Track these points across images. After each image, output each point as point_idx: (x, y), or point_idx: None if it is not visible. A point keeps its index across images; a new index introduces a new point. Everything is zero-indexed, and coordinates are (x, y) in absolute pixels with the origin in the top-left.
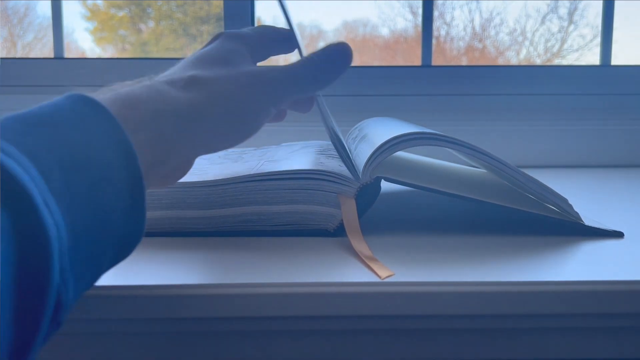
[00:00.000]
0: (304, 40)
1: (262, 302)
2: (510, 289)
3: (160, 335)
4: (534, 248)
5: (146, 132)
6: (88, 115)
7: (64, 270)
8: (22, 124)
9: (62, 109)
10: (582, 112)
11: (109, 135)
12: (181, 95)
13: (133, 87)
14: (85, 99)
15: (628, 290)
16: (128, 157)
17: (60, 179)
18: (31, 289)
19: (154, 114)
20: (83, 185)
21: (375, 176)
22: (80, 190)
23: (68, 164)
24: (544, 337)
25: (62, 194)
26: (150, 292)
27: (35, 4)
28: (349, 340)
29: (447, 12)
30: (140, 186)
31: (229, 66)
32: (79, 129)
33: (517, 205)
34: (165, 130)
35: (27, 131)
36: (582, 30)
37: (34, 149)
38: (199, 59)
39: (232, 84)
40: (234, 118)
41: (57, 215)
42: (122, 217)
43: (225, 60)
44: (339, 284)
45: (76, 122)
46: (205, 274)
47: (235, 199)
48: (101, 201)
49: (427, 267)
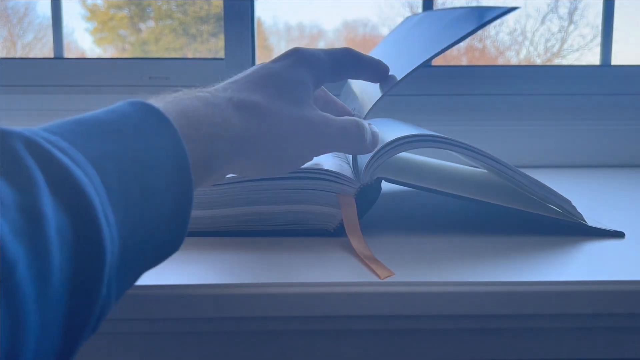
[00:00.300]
0: (304, 40)
1: (262, 302)
2: (510, 289)
3: (160, 335)
4: (534, 248)
5: (200, 155)
6: (152, 126)
7: (111, 283)
8: (88, 129)
9: (127, 117)
10: (582, 112)
11: (170, 150)
12: (240, 122)
13: (197, 103)
14: (150, 108)
15: (629, 290)
16: (183, 175)
17: (118, 190)
18: (82, 300)
19: (212, 138)
20: (138, 197)
21: (376, 177)
22: (134, 203)
23: (128, 176)
24: (544, 337)
25: (119, 204)
26: (150, 292)
27: (35, 4)
28: (349, 340)
29: None
30: (189, 202)
31: (294, 104)
32: (142, 139)
33: (517, 206)
34: (217, 155)
35: (94, 137)
36: (583, 30)
37: (98, 157)
38: (268, 81)
39: (292, 128)
40: (282, 159)
41: (113, 227)
42: (167, 229)
43: (292, 94)
44: (339, 284)
45: (141, 132)
46: (205, 274)
47: (235, 199)
48: (152, 214)
49: (427, 267)
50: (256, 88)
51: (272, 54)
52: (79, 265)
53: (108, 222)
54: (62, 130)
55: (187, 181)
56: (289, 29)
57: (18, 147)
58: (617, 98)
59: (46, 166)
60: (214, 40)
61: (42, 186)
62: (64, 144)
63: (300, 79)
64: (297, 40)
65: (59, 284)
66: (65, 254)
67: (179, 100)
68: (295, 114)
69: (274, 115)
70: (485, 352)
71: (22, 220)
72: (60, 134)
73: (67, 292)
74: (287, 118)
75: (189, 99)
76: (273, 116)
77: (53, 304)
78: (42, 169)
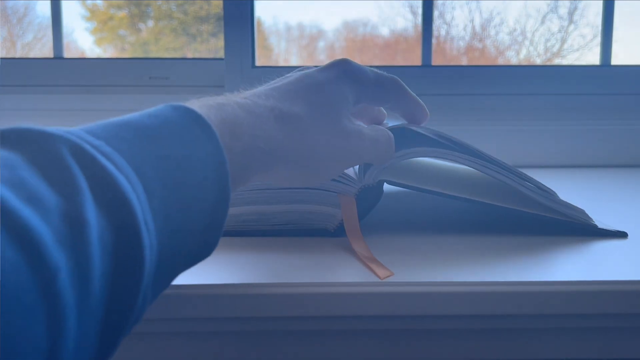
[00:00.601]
0: (304, 40)
1: (262, 302)
2: (510, 289)
3: (159, 335)
4: (536, 248)
5: (238, 165)
6: (195, 133)
7: (147, 290)
8: (132, 134)
9: (171, 122)
10: (582, 112)
11: (211, 158)
12: (280, 136)
13: (240, 112)
14: (193, 114)
15: (633, 290)
16: (222, 184)
17: (159, 197)
18: (119, 308)
19: (252, 150)
20: (178, 205)
21: (378, 179)
22: (174, 211)
23: (169, 183)
24: (545, 337)
25: (159, 212)
26: None
27: (34, 4)
28: (349, 340)
29: (447, 11)
30: (224, 213)
31: (334, 121)
32: (185, 147)
33: (518, 206)
34: (253, 165)
35: (137, 143)
36: (582, 30)
37: (141, 164)
38: (312, 93)
39: (329, 145)
40: (315, 173)
41: (153, 235)
42: (200, 237)
43: (333, 110)
44: (339, 284)
45: (183, 139)
46: (205, 274)
47: (235, 198)
48: (189, 222)
49: (427, 267)
50: (299, 99)
51: (272, 54)
52: (119, 273)
53: (148, 230)
54: (106, 134)
55: (225, 191)
56: (289, 29)
57: (63, 152)
58: (617, 98)
59: (90, 173)
60: (214, 40)
61: (85, 193)
62: (108, 148)
63: (343, 94)
64: (297, 41)
65: (99, 291)
66: (106, 262)
67: (220, 106)
68: (333, 131)
69: (314, 131)
70: (486, 352)
71: (65, 227)
72: (104, 138)
73: (106, 300)
74: (326, 135)
75: (232, 107)
76: (312, 132)
77: (92, 311)
78: (87, 176)
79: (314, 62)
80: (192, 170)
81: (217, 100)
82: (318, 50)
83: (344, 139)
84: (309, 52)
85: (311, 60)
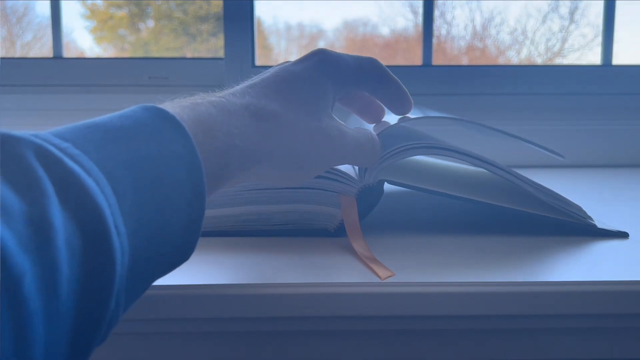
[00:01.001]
0: (304, 40)
1: (262, 302)
2: (511, 289)
3: (159, 335)
4: (536, 248)
5: (214, 164)
6: (167, 133)
7: (120, 294)
8: (100, 135)
9: (142, 123)
10: (582, 112)
11: (184, 157)
12: (256, 132)
13: (213, 110)
14: (165, 114)
15: (633, 290)
16: (197, 184)
17: (131, 199)
18: (90, 313)
19: (227, 148)
20: (151, 206)
21: (379, 179)
22: (147, 212)
23: (141, 185)
24: (545, 337)
25: (131, 214)
26: (150, 292)
27: (34, 4)
28: (349, 340)
29: (448, 11)
30: (201, 213)
31: (312, 115)
32: (157, 147)
33: (519, 206)
34: (231, 164)
35: (107, 145)
36: (583, 30)
37: (111, 165)
38: (288, 86)
39: (308, 141)
40: (296, 171)
41: (124, 237)
42: (177, 239)
43: (311, 103)
44: (339, 284)
45: (155, 139)
46: (205, 274)
47: (235, 198)
48: (164, 223)
49: (428, 267)
50: (275, 94)
51: (272, 54)
52: (88, 277)
53: (119, 233)
54: (74, 136)
55: (200, 191)
56: (289, 29)
57: (28, 155)
58: (617, 98)
59: (56, 176)
60: (214, 39)
61: (51, 196)
62: (75, 151)
63: (321, 85)
64: (297, 40)
65: (67, 297)
66: (74, 267)
67: (194, 106)
68: (312, 126)
69: (292, 126)
70: (486, 352)
71: (30, 231)
72: (72, 140)
73: (75, 306)
74: (304, 130)
75: (205, 105)
76: (290, 127)
77: (60, 318)
78: (52, 179)
79: None
80: (164, 170)
81: (191, 100)
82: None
83: (325, 138)
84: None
85: None
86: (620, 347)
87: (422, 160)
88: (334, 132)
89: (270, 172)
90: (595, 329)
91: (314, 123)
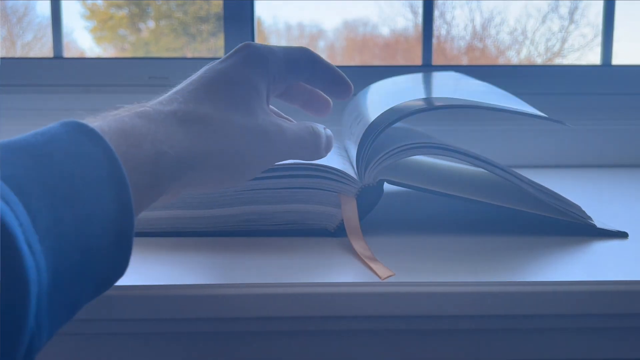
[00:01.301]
0: (304, 40)
1: (262, 302)
2: (510, 289)
3: (159, 335)
4: (536, 248)
5: (145, 174)
6: (85, 146)
7: (41, 315)
8: (11, 153)
9: (57, 138)
10: (582, 112)
11: (106, 171)
12: (186, 138)
13: (138, 121)
14: (83, 127)
15: (633, 290)
16: (122, 195)
17: (48, 215)
18: (6, 333)
19: (157, 156)
20: (72, 222)
21: (378, 179)
22: (67, 228)
23: (59, 199)
24: (545, 337)
25: (48, 231)
26: (150, 292)
27: (34, 4)
28: (349, 340)
29: (448, 11)
30: (130, 226)
31: (245, 112)
32: (74, 162)
33: (519, 206)
34: (163, 174)
35: (19, 163)
36: (583, 30)
37: (23, 183)
38: (215, 86)
39: (243, 140)
40: (236, 171)
41: (40, 255)
42: (107, 255)
43: (243, 100)
44: (339, 284)
45: (72, 154)
46: (205, 274)
47: (235, 198)
48: (88, 239)
49: (428, 267)
50: (204, 96)
51: None
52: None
53: (32, 251)
54: None
55: (126, 204)
56: (289, 29)
57: None
58: (617, 98)
59: None
60: (214, 39)
61: None
62: None
63: (252, 80)
64: (297, 40)
65: None
66: None
67: (118, 118)
68: (246, 123)
69: (224, 127)
70: (486, 352)
71: None
72: None
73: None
74: (238, 129)
75: (129, 116)
76: (223, 128)
77: None
78: None
79: None
80: (83, 184)
81: (115, 112)
82: (318, 50)
83: (262, 135)
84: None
85: None
86: (620, 347)
87: (422, 160)
88: (271, 128)
89: (207, 177)
90: (595, 329)
91: (249, 120)
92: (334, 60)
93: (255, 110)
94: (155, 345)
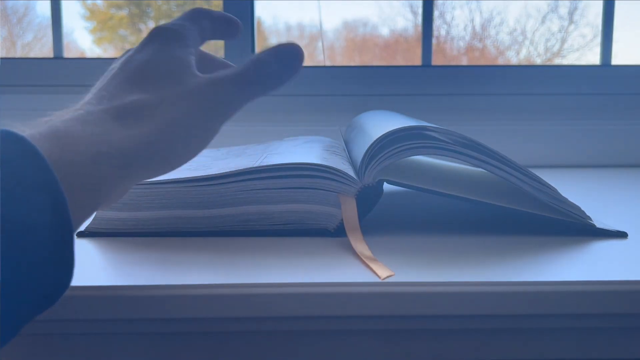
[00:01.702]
0: (304, 40)
1: (262, 302)
2: (510, 289)
3: (159, 335)
4: (535, 248)
5: (84, 177)
6: (14, 155)
7: None
8: None
9: None
10: (582, 112)
11: (39, 179)
12: (123, 133)
13: (71, 124)
14: (12, 135)
15: (633, 290)
16: (56, 201)
17: None
18: None
19: (95, 157)
20: (3, 235)
21: (378, 179)
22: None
23: None
24: (545, 337)
25: None
26: (150, 292)
27: (34, 4)
28: (349, 340)
29: (447, 11)
30: (69, 234)
31: (175, 83)
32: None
33: (519, 206)
34: (108, 173)
35: None
36: (583, 30)
37: None
38: (140, 74)
39: (183, 108)
40: (186, 144)
41: None
42: (45, 268)
43: (169, 73)
44: (339, 284)
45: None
46: (205, 274)
47: (235, 198)
48: (22, 252)
49: (427, 267)
50: (132, 86)
51: None
52: None
53: None
54: None
55: (63, 211)
56: (289, 29)
57: None
58: (617, 98)
59: None
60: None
61: None
62: None
63: (169, 54)
64: (297, 40)
65: None
66: None
67: (50, 124)
68: (179, 91)
69: (158, 106)
70: (486, 352)
71: None
72: None
73: None
74: (173, 100)
75: (62, 121)
76: (160, 109)
77: None
78: None
79: (314, 62)
80: (12, 194)
81: (46, 119)
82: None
83: (197, 96)
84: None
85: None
86: (620, 347)
87: (422, 160)
88: (205, 88)
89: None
90: (595, 329)
91: (180, 89)
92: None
93: (184, 79)
94: (155, 345)
